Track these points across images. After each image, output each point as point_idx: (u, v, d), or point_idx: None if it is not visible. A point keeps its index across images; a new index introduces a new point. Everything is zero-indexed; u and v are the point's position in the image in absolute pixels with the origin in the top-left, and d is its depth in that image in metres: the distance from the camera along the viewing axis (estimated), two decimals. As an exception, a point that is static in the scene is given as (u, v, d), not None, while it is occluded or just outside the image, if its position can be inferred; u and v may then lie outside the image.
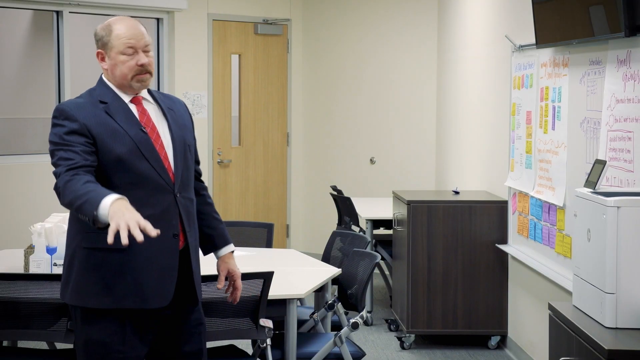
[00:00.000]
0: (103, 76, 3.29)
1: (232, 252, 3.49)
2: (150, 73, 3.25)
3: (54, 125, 3.17)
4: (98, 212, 2.85)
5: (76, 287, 3.16)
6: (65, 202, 3.01)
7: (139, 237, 2.78)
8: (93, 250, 3.13)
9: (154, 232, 2.81)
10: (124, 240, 2.76)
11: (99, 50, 3.24)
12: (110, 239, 2.78)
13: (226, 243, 3.48)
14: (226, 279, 3.47)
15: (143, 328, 3.21)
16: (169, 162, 3.24)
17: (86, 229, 3.09)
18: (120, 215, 2.80)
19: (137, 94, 3.27)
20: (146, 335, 3.22)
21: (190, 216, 3.30)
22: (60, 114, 3.16)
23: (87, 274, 3.14)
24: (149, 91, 3.34)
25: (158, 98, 3.34)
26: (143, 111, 3.26)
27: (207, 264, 4.49)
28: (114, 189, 3.02)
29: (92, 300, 3.13)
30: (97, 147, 3.12)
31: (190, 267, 3.28)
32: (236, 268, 3.48)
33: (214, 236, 3.47)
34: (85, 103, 3.19)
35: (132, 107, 3.24)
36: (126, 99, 3.25)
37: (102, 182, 3.06)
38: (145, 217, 2.92)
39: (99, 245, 3.08)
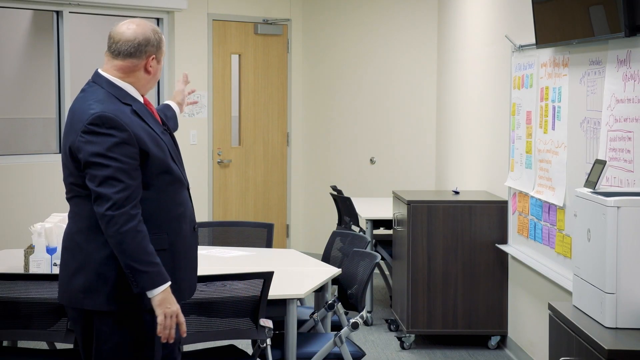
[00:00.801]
0: (107, 75, 3.20)
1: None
2: None
3: (97, 134, 3.04)
4: (151, 290, 3.04)
5: (114, 292, 3.10)
6: (121, 248, 3.02)
7: (171, 340, 3.07)
8: None
9: (184, 333, 3.14)
10: (163, 340, 3.08)
11: (154, 54, 3.21)
12: (159, 330, 3.05)
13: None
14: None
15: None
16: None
17: None
18: (167, 305, 3.05)
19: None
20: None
21: None
22: (105, 123, 3.05)
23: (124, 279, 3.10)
24: None
25: None
26: (155, 112, 3.30)
27: (207, 264, 4.49)
28: (151, 188, 3.12)
29: (134, 302, 3.10)
30: (143, 155, 3.09)
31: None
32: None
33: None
34: (119, 107, 3.12)
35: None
36: (141, 100, 3.24)
37: (142, 185, 3.11)
38: (179, 214, 3.16)
39: None
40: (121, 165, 3.03)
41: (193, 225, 3.29)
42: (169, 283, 3.06)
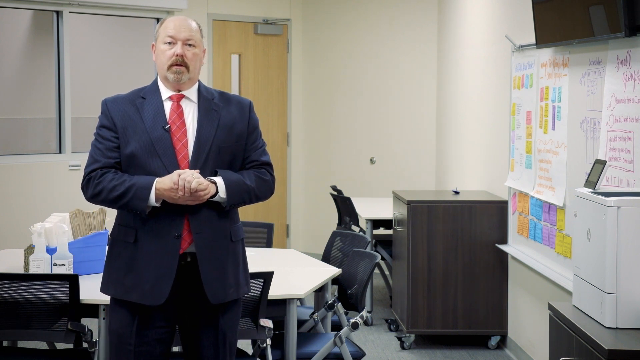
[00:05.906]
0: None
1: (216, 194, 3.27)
2: (187, 67, 3.24)
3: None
4: (150, 200, 3.15)
5: (104, 275, 3.34)
6: (99, 198, 3.23)
7: (192, 189, 3.12)
8: (115, 241, 3.28)
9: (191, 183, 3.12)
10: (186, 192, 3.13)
11: (153, 42, 3.34)
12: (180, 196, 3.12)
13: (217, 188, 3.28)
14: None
15: (153, 324, 3.23)
16: (187, 161, 3.23)
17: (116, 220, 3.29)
18: (165, 195, 3.13)
19: (179, 90, 3.28)
20: (159, 332, 3.24)
21: (203, 218, 3.25)
22: (102, 106, 3.32)
23: (109, 263, 3.32)
24: (200, 90, 3.32)
25: (202, 98, 3.31)
26: (176, 109, 3.27)
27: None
28: None
29: (110, 288, 3.29)
30: (119, 141, 3.25)
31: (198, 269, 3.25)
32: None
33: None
34: (125, 97, 3.31)
35: (167, 104, 3.28)
36: (165, 95, 3.28)
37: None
38: (149, 213, 3.14)
39: (119, 237, 3.26)
40: (99, 143, 3.27)
41: (176, 233, 3.20)
42: (154, 181, 3.15)
